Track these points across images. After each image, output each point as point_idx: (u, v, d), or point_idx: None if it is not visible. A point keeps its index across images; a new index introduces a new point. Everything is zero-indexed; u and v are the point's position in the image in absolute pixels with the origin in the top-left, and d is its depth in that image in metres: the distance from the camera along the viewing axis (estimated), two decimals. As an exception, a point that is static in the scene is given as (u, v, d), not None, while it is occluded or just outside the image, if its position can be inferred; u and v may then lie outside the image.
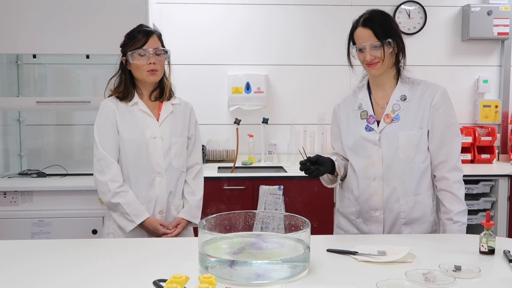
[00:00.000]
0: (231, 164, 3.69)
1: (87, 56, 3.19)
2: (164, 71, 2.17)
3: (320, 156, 1.97)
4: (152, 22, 3.16)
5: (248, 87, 3.85)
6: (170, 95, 2.20)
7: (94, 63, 3.54)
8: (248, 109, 3.92)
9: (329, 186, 2.14)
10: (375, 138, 1.95)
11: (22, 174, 3.42)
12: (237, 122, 3.74)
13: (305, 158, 1.94)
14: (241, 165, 3.76)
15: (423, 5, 3.98)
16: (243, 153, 3.86)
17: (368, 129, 1.97)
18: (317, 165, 1.93)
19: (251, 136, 3.86)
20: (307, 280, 1.38)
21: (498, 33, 3.91)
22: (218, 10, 3.93)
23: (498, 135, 4.01)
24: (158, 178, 2.12)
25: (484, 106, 4.00)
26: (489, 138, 3.87)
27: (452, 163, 1.92)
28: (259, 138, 3.87)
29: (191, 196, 2.21)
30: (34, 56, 3.33)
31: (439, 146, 1.93)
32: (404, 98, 1.95)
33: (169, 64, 2.19)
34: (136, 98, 2.14)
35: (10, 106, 3.30)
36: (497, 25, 3.91)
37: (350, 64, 2.00)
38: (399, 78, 1.98)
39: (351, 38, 1.96)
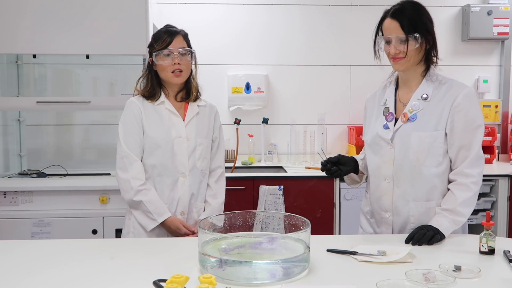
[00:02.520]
0: (231, 164, 3.69)
1: (87, 56, 3.19)
2: (191, 72, 2.17)
3: (343, 156, 1.95)
4: (152, 22, 3.16)
5: (248, 87, 3.85)
6: (197, 96, 2.20)
7: (94, 63, 3.55)
8: (248, 109, 3.92)
9: (352, 186, 2.13)
10: (387, 137, 1.89)
11: (22, 174, 3.42)
12: (237, 122, 3.74)
13: (325, 159, 1.92)
14: (241, 165, 3.76)
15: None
16: (243, 153, 3.86)
17: (385, 127, 1.91)
18: (338, 165, 1.92)
19: (251, 136, 3.86)
20: (307, 280, 1.38)
21: (498, 33, 3.91)
22: (218, 10, 3.93)
23: (498, 135, 4.01)
24: (182, 179, 2.11)
25: (484, 106, 4.00)
26: (489, 138, 3.86)
27: (461, 168, 1.80)
28: (259, 138, 3.87)
29: (213, 199, 2.21)
30: (34, 56, 3.34)
31: (457, 153, 1.81)
32: (425, 98, 1.86)
33: (195, 64, 2.18)
34: (162, 97, 2.14)
35: (10, 106, 3.31)
36: (497, 25, 3.90)
37: (376, 55, 1.90)
38: (426, 76, 1.88)
39: (380, 28, 1.88)
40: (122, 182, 2.07)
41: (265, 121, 3.81)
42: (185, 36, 2.14)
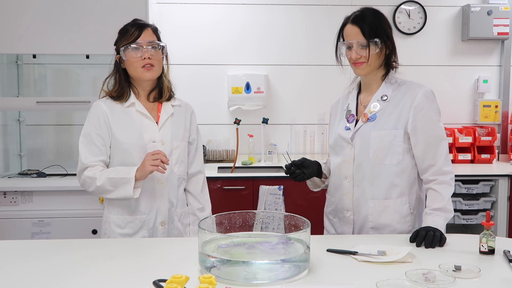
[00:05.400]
0: (231, 164, 3.69)
1: (87, 56, 3.20)
2: (163, 70, 2.02)
3: (306, 159, 1.98)
4: (152, 22, 3.16)
5: (248, 87, 3.85)
6: (170, 96, 2.05)
7: (94, 63, 3.54)
8: (248, 109, 3.92)
9: (314, 190, 2.14)
10: (348, 137, 1.92)
11: (22, 174, 3.42)
12: (237, 122, 3.73)
13: (290, 161, 1.95)
14: (241, 165, 3.75)
15: (423, 5, 3.98)
16: (243, 153, 3.86)
17: (347, 128, 1.96)
18: (302, 169, 1.95)
19: (251, 136, 3.86)
20: (307, 280, 1.38)
21: (498, 33, 3.91)
22: (218, 10, 3.93)
23: (498, 135, 4.01)
24: (159, 187, 1.97)
25: (484, 106, 3.99)
26: (489, 138, 3.87)
27: (437, 167, 1.84)
28: (259, 138, 3.86)
29: (201, 212, 2.09)
30: (34, 56, 3.34)
31: (424, 151, 1.85)
32: (385, 99, 1.90)
33: (167, 61, 2.04)
34: (132, 98, 1.99)
35: (10, 106, 3.31)
36: (497, 25, 3.90)
37: (337, 60, 1.97)
38: (386, 79, 1.93)
39: (340, 35, 1.95)
40: (82, 182, 1.91)
41: (265, 121, 3.81)
42: (155, 30, 2.00)
